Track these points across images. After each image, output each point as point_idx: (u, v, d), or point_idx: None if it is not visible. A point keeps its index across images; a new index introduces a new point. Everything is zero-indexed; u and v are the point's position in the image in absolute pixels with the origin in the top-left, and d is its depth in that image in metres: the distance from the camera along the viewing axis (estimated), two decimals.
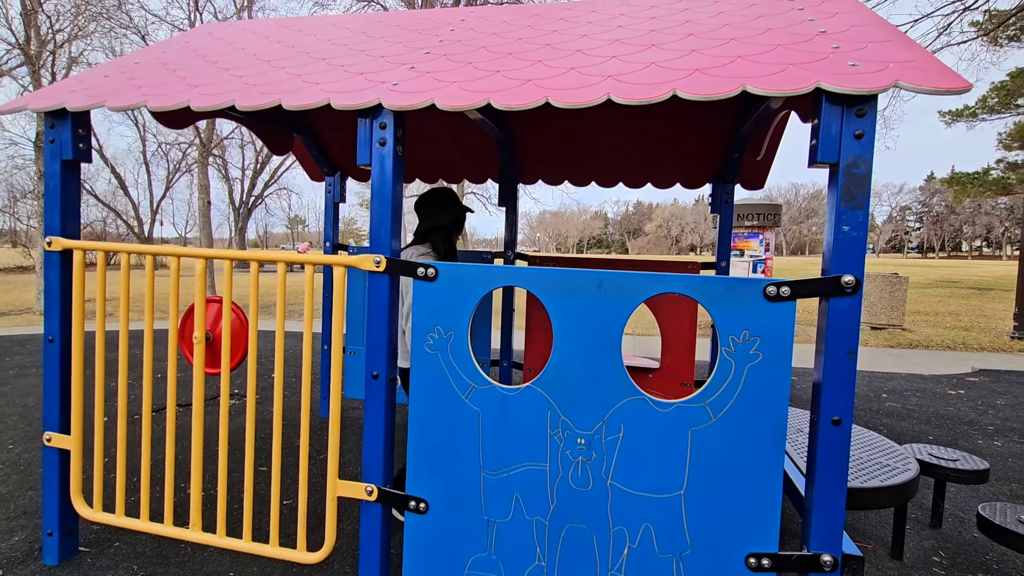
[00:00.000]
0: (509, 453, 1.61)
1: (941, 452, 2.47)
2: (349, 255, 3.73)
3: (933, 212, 71.80)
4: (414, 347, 1.65)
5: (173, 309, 1.80)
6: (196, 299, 1.80)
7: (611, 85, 1.52)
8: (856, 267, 1.37)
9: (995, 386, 5.48)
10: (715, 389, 1.46)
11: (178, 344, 1.90)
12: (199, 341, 1.79)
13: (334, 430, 1.72)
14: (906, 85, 1.29)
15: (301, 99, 1.69)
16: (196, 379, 1.80)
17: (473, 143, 3.40)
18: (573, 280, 1.53)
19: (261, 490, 2.44)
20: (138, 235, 25.43)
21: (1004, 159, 13.78)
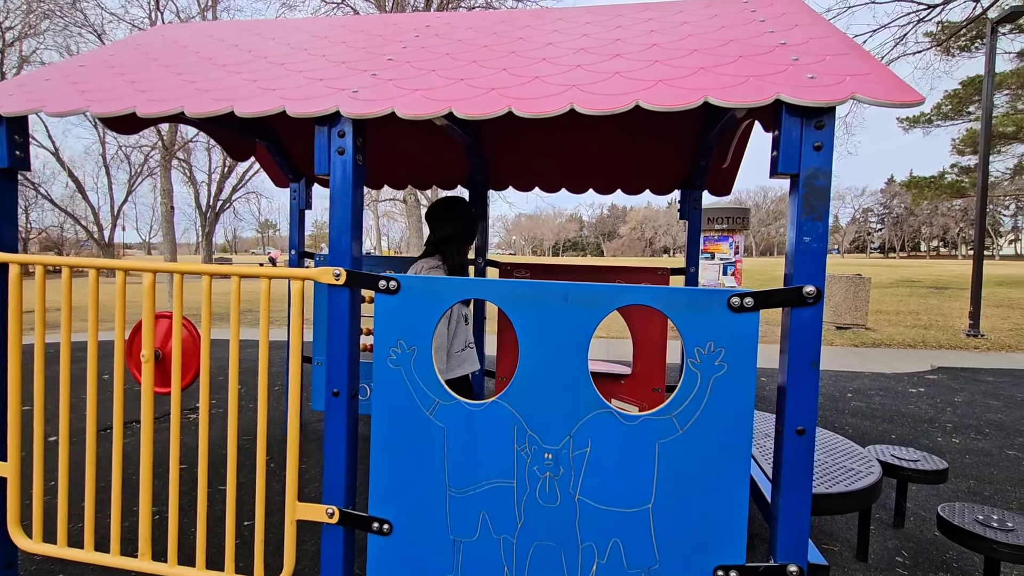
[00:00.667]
0: (475, 470, 1.57)
1: (902, 453, 2.53)
2: (315, 264, 3.65)
3: (894, 214, 74.58)
4: (376, 362, 1.60)
5: (119, 324, 1.71)
6: (144, 315, 1.71)
7: (575, 95, 1.50)
8: (817, 278, 1.38)
9: (953, 383, 5.68)
10: (681, 401, 1.45)
11: (125, 363, 1.80)
12: (147, 359, 1.70)
13: (292, 451, 1.65)
14: (862, 98, 1.30)
15: (255, 106, 1.63)
16: (144, 400, 1.71)
17: (442, 149, 3.35)
18: (538, 292, 1.50)
19: (220, 512, 2.34)
20: (98, 241, 24.53)
21: (958, 163, 14.40)
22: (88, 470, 1.75)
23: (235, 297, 1.66)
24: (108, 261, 1.68)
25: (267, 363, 1.67)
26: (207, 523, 1.72)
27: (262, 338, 1.66)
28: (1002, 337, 8.74)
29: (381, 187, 3.70)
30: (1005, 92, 12.03)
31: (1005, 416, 4.47)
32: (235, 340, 1.67)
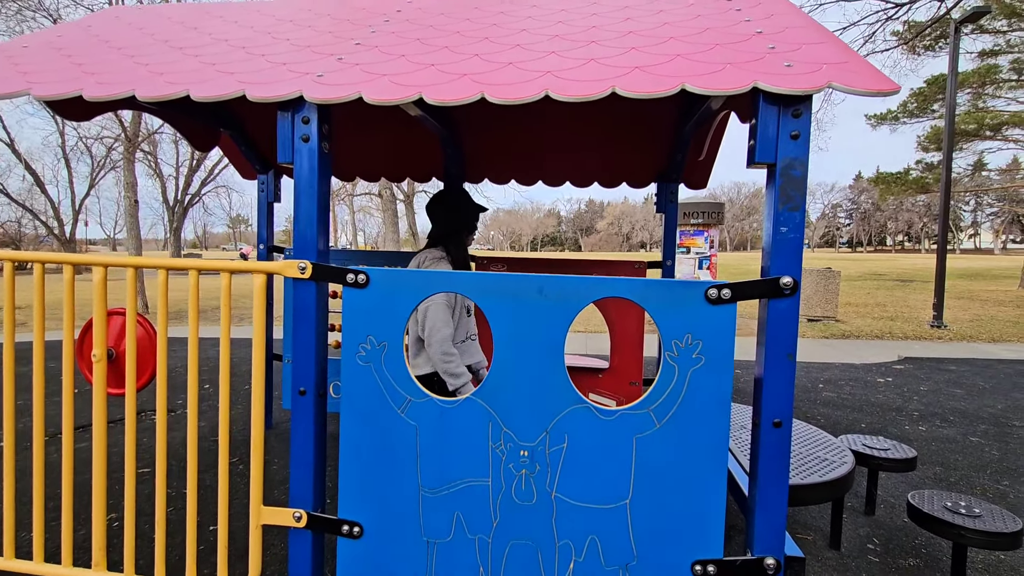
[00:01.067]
0: (449, 469, 1.52)
1: (873, 442, 2.57)
2: (285, 259, 3.54)
3: (861, 209, 76.74)
4: (345, 359, 1.54)
5: (68, 322, 1.61)
6: (95, 311, 1.61)
7: (549, 81, 1.45)
8: (794, 268, 1.36)
9: (918, 373, 5.84)
10: (659, 395, 1.42)
11: (76, 363, 1.70)
12: (98, 359, 1.60)
13: (256, 452, 1.58)
14: (839, 86, 1.29)
15: (212, 90, 1.54)
16: (96, 401, 1.61)
17: (416, 141, 3.27)
18: (513, 286, 1.46)
19: (183, 518, 2.24)
20: (58, 237, 23.65)
21: (922, 160, 14.84)
22: (36, 476, 1.65)
23: (193, 291, 1.57)
24: (55, 255, 1.58)
25: (228, 361, 1.58)
26: (167, 530, 1.64)
27: (223, 335, 1.58)
28: (964, 328, 9.05)
29: (353, 179, 3.60)
30: (967, 91, 12.44)
31: (968, 404, 4.61)
32: (194, 337, 1.59)
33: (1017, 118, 12.66)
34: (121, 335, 1.73)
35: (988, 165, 18.89)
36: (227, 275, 1.57)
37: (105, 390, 1.64)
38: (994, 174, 19.54)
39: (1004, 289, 15.52)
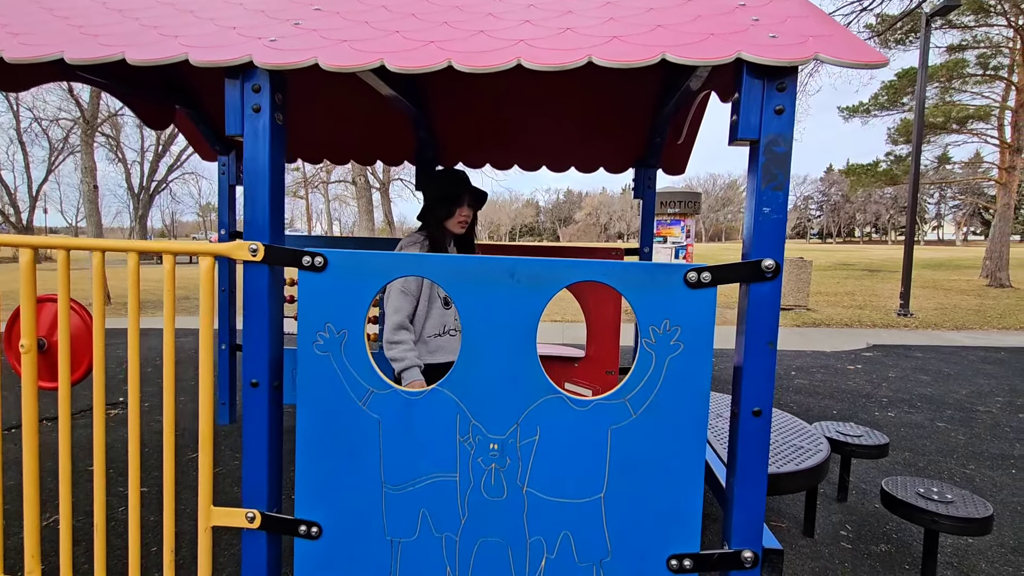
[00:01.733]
0: (414, 464, 1.43)
1: (846, 429, 2.57)
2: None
3: (831, 201, 78.58)
4: (301, 348, 1.43)
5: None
6: (23, 298, 1.46)
7: (522, 50, 1.35)
8: (776, 251, 1.30)
9: (886, 360, 5.96)
10: (635, 383, 1.35)
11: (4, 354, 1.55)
12: (27, 349, 1.46)
13: (205, 449, 1.46)
14: (826, 57, 1.22)
15: (151, 53, 1.40)
16: (25, 396, 1.47)
17: (387, 122, 3.13)
18: (481, 269, 1.37)
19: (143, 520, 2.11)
20: (15, 225, 22.66)
21: (892, 152, 15.18)
22: None
23: (133, 276, 1.44)
24: None
25: (173, 351, 1.46)
26: (106, 535, 1.51)
27: (166, 323, 1.45)
28: (929, 316, 9.31)
29: (321, 161, 3.45)
30: (935, 84, 12.72)
31: (934, 390, 4.71)
32: (134, 325, 1.46)
33: (982, 112, 13.01)
34: (55, 324, 1.59)
35: (952, 158, 19.46)
36: (170, 257, 1.44)
37: (35, 384, 1.50)
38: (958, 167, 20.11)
39: (966, 279, 16.06)
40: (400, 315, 1.93)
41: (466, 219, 2.07)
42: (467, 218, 2.08)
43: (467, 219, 2.08)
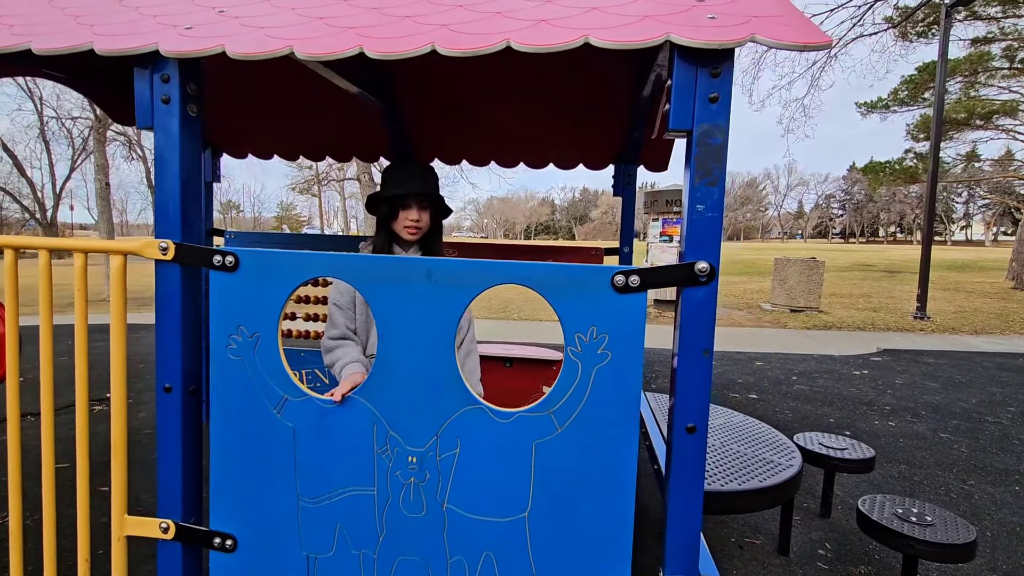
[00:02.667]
0: (330, 476, 1.35)
1: (831, 441, 2.43)
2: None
3: (854, 200, 76.79)
4: (213, 353, 1.36)
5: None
6: None
7: (441, 34, 1.26)
8: (711, 252, 1.19)
9: (895, 365, 5.73)
10: (560, 395, 1.25)
11: None
12: None
13: (118, 455, 1.40)
14: (762, 39, 1.11)
15: (58, 42, 1.34)
16: None
17: (360, 117, 3.06)
18: (397, 269, 1.28)
19: None
20: (39, 221, 23.20)
21: (912, 149, 14.69)
22: None
23: (44, 273, 1.38)
24: None
25: (85, 354, 1.40)
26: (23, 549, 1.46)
27: (78, 324, 1.39)
28: (947, 319, 8.97)
29: (297, 158, 3.40)
30: (958, 79, 12.26)
31: (942, 398, 4.50)
32: (46, 326, 1.40)
33: (1008, 107, 12.50)
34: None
35: (981, 155, 18.77)
36: (81, 255, 1.38)
37: None
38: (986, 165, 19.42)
39: (991, 281, 15.49)
40: (336, 329, 1.73)
41: (415, 224, 1.74)
42: (416, 223, 1.74)
43: (416, 224, 1.74)
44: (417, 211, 1.75)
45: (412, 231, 1.76)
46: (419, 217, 1.75)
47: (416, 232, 1.77)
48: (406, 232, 1.76)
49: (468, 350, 1.83)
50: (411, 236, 1.77)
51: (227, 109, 2.99)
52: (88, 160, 19.53)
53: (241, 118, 3.10)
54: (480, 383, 1.82)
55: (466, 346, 1.83)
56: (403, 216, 1.75)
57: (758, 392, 4.58)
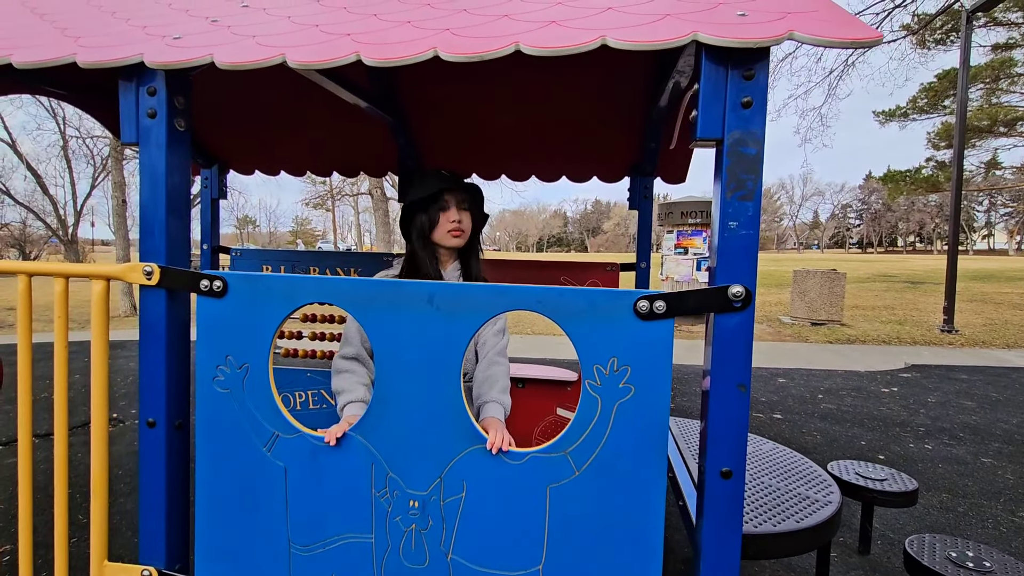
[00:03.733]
0: (324, 521, 1.23)
1: (869, 471, 2.25)
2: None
3: (872, 210, 75.63)
4: (199, 385, 1.25)
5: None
6: None
7: (444, 39, 1.16)
8: (746, 275, 1.06)
9: (926, 382, 5.48)
10: (578, 434, 1.12)
11: None
12: None
13: (98, 495, 1.30)
14: (802, 36, 0.99)
15: (39, 54, 1.26)
16: None
17: (369, 131, 2.99)
18: (397, 294, 1.17)
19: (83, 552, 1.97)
20: (61, 238, 23.72)
21: (933, 158, 14.37)
22: None
23: (23, 298, 1.29)
24: None
25: (65, 381, 1.30)
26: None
27: (57, 350, 1.29)
28: (976, 332, 8.64)
29: (304, 173, 3.33)
30: (979, 86, 11.99)
31: (980, 418, 4.25)
32: (24, 349, 1.31)
33: None
34: None
35: (1003, 163, 18.31)
36: (62, 280, 1.29)
37: None
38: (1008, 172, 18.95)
39: (1019, 292, 14.99)
40: (350, 347, 1.59)
41: (458, 225, 1.59)
42: (458, 224, 1.59)
43: (459, 225, 1.59)
44: (457, 211, 1.61)
45: (456, 232, 1.59)
46: (460, 217, 1.60)
47: (460, 235, 1.60)
48: (451, 236, 1.59)
49: (493, 361, 1.59)
50: (456, 239, 1.60)
51: (233, 125, 2.94)
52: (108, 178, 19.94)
53: (247, 134, 3.04)
54: (506, 394, 1.55)
55: (491, 357, 1.60)
56: (444, 219, 1.59)
57: (783, 411, 4.38)
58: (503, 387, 1.54)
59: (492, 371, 1.56)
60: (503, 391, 1.53)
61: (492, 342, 1.62)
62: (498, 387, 1.52)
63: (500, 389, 1.52)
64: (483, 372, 1.57)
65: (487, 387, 1.52)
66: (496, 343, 1.62)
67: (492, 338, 1.63)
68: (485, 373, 1.56)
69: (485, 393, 1.51)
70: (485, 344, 1.62)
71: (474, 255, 1.69)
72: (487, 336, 1.63)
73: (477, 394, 1.54)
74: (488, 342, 1.62)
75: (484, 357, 1.60)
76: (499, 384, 1.53)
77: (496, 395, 1.50)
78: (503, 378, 1.56)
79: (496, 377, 1.55)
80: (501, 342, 1.63)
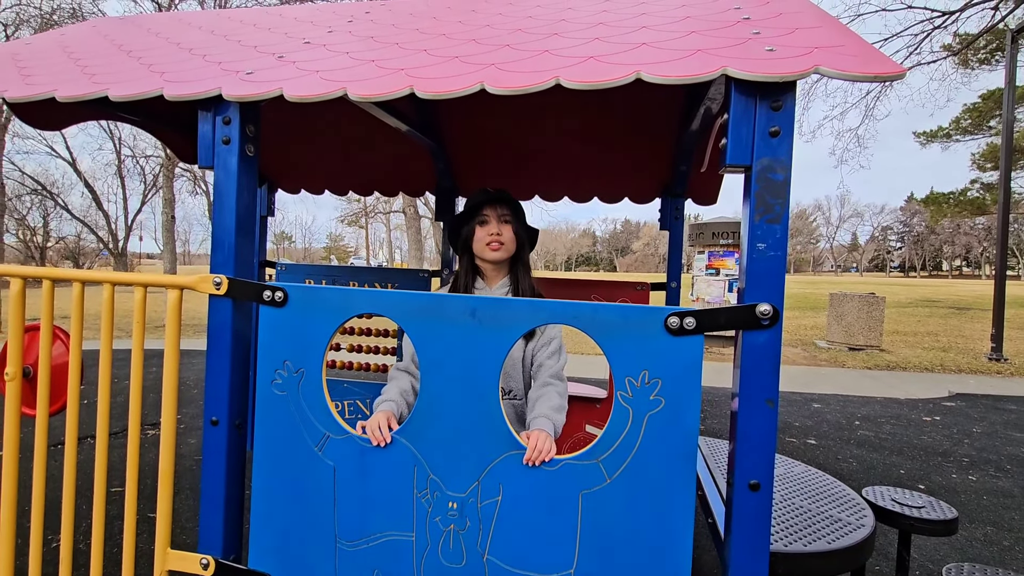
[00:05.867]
0: (369, 519, 1.31)
1: (906, 498, 2.20)
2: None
3: (914, 232, 73.05)
4: (259, 387, 1.36)
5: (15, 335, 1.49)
6: (10, 325, 1.50)
7: (490, 73, 1.27)
8: (774, 293, 1.11)
9: (971, 411, 5.26)
10: (610, 443, 1.18)
11: None
12: (11, 377, 1.49)
13: (164, 487, 1.41)
14: (827, 70, 1.05)
15: (130, 88, 1.42)
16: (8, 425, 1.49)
17: (407, 153, 3.14)
18: (440, 306, 1.26)
19: None
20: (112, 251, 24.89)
21: (979, 179, 13.90)
22: None
23: (107, 305, 1.44)
24: None
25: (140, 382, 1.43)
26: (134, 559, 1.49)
27: (135, 353, 1.43)
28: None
29: (346, 192, 3.50)
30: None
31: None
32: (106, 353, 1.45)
33: None
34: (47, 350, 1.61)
35: None
36: (141, 289, 1.43)
37: (19, 411, 1.52)
38: None
39: None
40: (402, 358, 1.70)
41: (496, 238, 1.62)
42: (497, 236, 1.62)
43: (497, 238, 1.62)
44: (497, 224, 1.64)
45: (495, 246, 1.62)
46: (499, 230, 1.63)
47: (499, 247, 1.63)
48: (489, 250, 1.63)
49: (546, 382, 1.56)
50: (495, 252, 1.62)
51: (283, 147, 3.13)
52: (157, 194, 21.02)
53: (296, 155, 3.24)
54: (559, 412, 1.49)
55: (545, 379, 1.57)
56: (482, 233, 1.64)
57: (817, 437, 4.29)
58: (554, 406, 1.49)
59: (544, 390, 1.55)
60: (554, 409, 1.48)
61: (548, 364, 1.59)
62: (549, 405, 1.49)
63: (551, 407, 1.49)
64: (536, 391, 1.56)
65: (539, 404, 1.50)
66: (552, 366, 1.59)
67: (547, 360, 1.60)
68: (538, 392, 1.55)
69: (535, 409, 1.50)
70: (541, 367, 1.60)
71: (523, 269, 1.71)
72: (542, 359, 1.61)
73: (528, 412, 1.53)
74: (544, 365, 1.59)
75: (538, 379, 1.59)
76: (551, 402, 1.50)
77: (546, 411, 1.47)
78: (556, 398, 1.52)
79: (548, 396, 1.53)
80: (556, 365, 1.60)
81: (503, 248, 1.64)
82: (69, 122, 2.30)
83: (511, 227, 1.67)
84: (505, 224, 1.66)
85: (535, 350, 1.62)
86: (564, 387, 1.59)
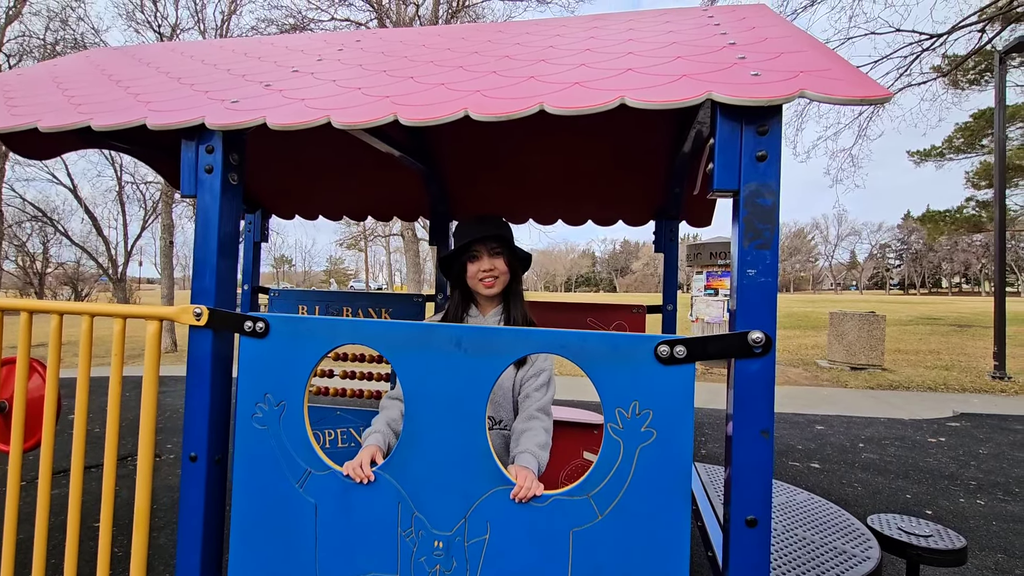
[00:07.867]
0: (352, 558, 1.25)
1: (913, 526, 2.14)
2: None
3: (912, 249, 73.30)
4: (239, 421, 1.32)
5: None
6: None
7: (474, 100, 1.26)
8: (766, 320, 1.08)
9: (977, 432, 5.18)
10: (600, 477, 1.14)
11: None
12: None
13: (140, 527, 1.36)
14: (813, 94, 1.04)
15: (114, 118, 1.41)
16: None
17: (403, 178, 3.14)
18: (425, 336, 1.23)
19: None
20: (111, 277, 24.90)
21: (974, 197, 13.98)
22: None
23: (85, 337, 1.40)
24: None
25: (117, 414, 1.39)
26: None
27: (112, 385, 1.39)
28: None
29: (340, 218, 3.50)
30: (1019, 124, 11.74)
31: None
32: (82, 385, 1.41)
33: None
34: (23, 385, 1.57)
35: None
36: (120, 320, 1.40)
37: None
38: None
39: None
40: (395, 388, 1.67)
41: (488, 273, 1.62)
42: (489, 272, 1.62)
43: (490, 273, 1.62)
44: (489, 259, 1.63)
45: (488, 283, 1.62)
46: (492, 266, 1.62)
47: (493, 283, 1.62)
48: (483, 286, 1.62)
49: (532, 415, 1.52)
50: (489, 288, 1.62)
51: (276, 173, 3.13)
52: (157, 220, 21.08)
53: (289, 182, 3.23)
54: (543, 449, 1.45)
55: (531, 412, 1.53)
56: (474, 269, 1.63)
57: (820, 460, 4.20)
58: (540, 443, 1.46)
59: (530, 424, 1.51)
60: (540, 446, 1.45)
61: (535, 397, 1.56)
62: (535, 441, 1.46)
63: (537, 444, 1.45)
64: (521, 424, 1.52)
65: (524, 439, 1.46)
66: (538, 399, 1.56)
67: (535, 393, 1.57)
68: (523, 426, 1.51)
69: (520, 444, 1.45)
70: (528, 399, 1.57)
71: (515, 298, 1.69)
72: (529, 390, 1.58)
73: (513, 445, 1.49)
74: (531, 397, 1.57)
75: (524, 411, 1.55)
76: (537, 439, 1.46)
77: (531, 447, 1.43)
78: (543, 434, 1.49)
79: (535, 432, 1.48)
80: (543, 399, 1.56)
81: (497, 282, 1.64)
82: (58, 151, 2.30)
83: (503, 258, 1.65)
84: (496, 257, 1.64)
85: (524, 379, 1.59)
86: (550, 423, 1.55)
